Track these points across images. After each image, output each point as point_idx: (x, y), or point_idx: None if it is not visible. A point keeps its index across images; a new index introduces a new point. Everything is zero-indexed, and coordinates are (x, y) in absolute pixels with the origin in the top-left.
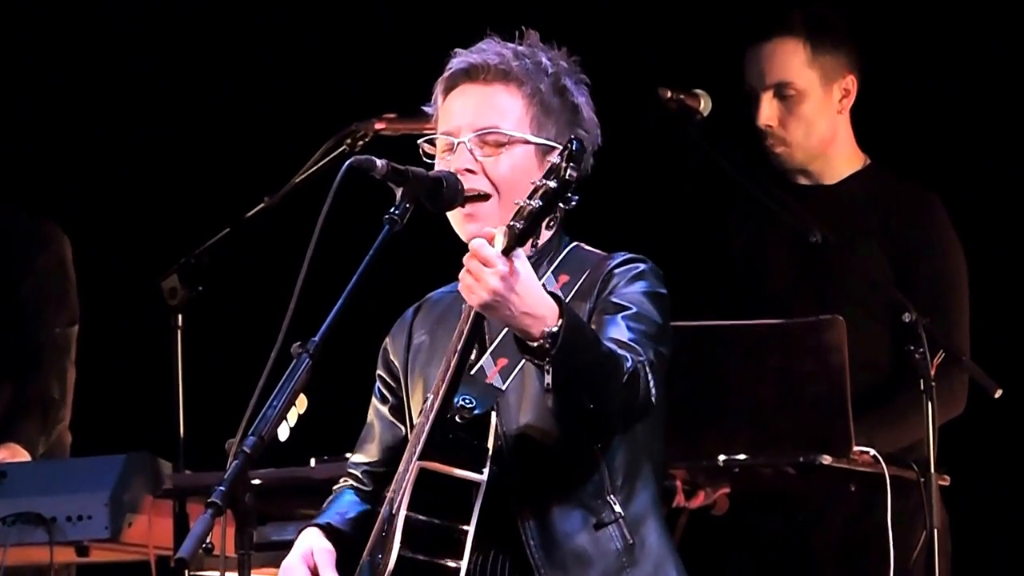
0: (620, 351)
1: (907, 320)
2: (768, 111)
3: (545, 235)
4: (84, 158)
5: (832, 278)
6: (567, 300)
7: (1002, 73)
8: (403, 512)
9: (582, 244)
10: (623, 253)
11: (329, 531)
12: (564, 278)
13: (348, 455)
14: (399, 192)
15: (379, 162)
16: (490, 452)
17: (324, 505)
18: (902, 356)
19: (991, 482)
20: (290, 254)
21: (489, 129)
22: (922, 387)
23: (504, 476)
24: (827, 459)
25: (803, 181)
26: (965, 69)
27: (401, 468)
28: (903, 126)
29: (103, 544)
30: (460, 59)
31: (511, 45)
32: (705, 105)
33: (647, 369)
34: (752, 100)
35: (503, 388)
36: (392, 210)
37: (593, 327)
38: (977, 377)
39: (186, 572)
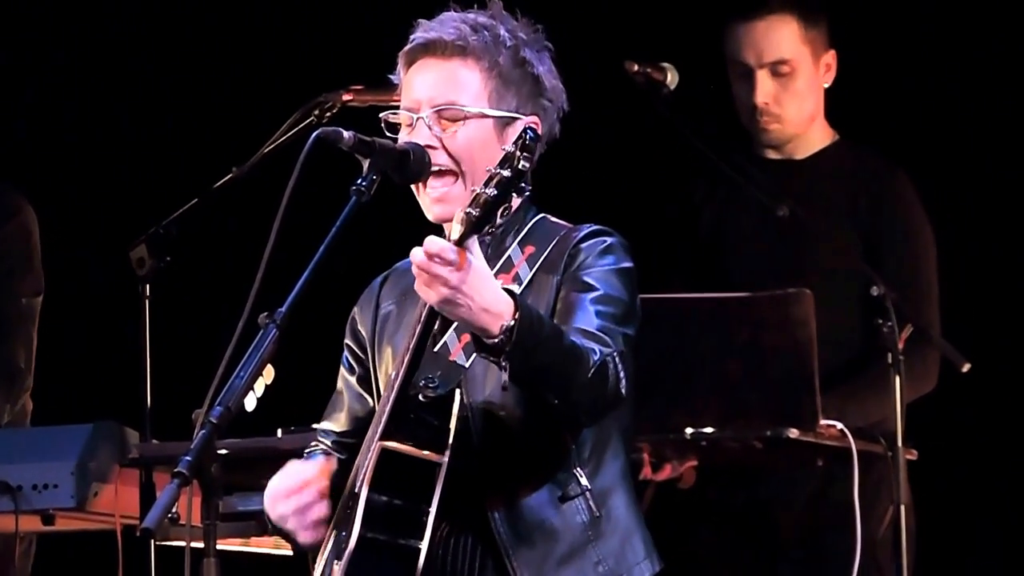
0: (587, 343)
1: (875, 293)
2: (765, 88)
3: (511, 206)
4: (50, 127)
5: (800, 253)
6: (533, 271)
7: (970, 46)
8: (365, 491)
9: (549, 216)
10: (590, 225)
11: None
12: (530, 249)
13: (315, 425)
14: (366, 163)
15: (346, 133)
16: (452, 433)
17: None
18: (872, 332)
19: (959, 457)
20: (258, 225)
21: (446, 105)
22: (890, 361)
23: (469, 454)
24: (794, 433)
25: (772, 155)
26: (931, 43)
27: (364, 444)
28: (871, 101)
29: (69, 513)
30: (419, 33)
31: (472, 16)
32: (672, 78)
33: (616, 360)
34: (738, 76)
35: (466, 366)
36: (359, 181)
37: (560, 305)
38: (945, 351)
39: (152, 542)
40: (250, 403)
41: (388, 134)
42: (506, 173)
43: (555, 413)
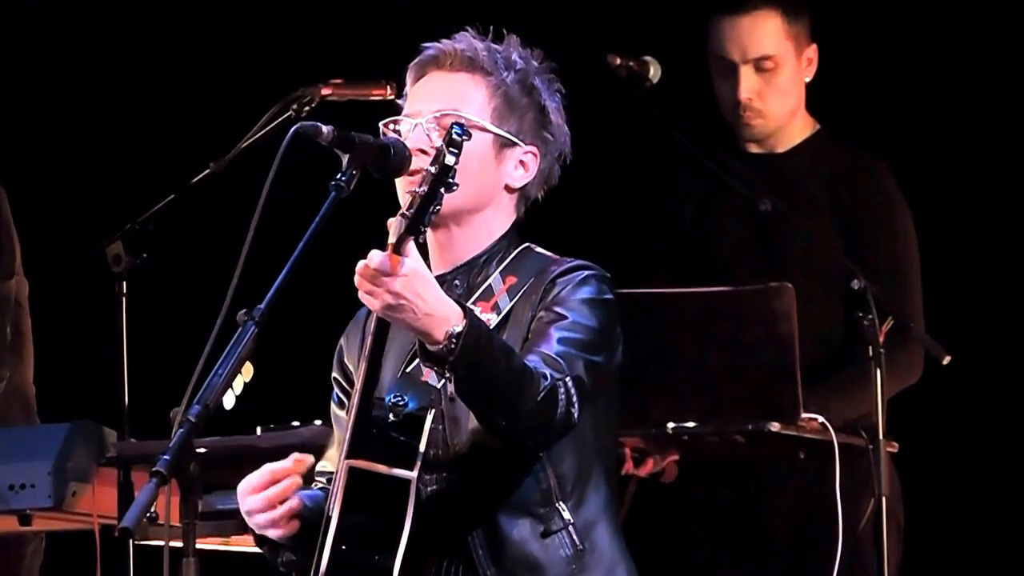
0: (540, 367)
1: (856, 287)
2: (749, 84)
3: (497, 233)
4: (24, 122)
5: (782, 247)
6: (512, 303)
7: (952, 38)
8: (336, 511)
9: (533, 246)
10: (571, 260)
11: None
12: (511, 279)
13: (295, 423)
14: (345, 158)
15: (325, 128)
16: (421, 450)
17: None
18: (854, 325)
19: (940, 449)
20: (236, 220)
21: (447, 111)
22: (871, 354)
23: (447, 481)
24: (776, 426)
25: (754, 149)
26: (913, 35)
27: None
28: (854, 92)
29: (46, 513)
30: (431, 46)
31: (484, 41)
32: (655, 72)
33: (568, 386)
34: (721, 71)
35: (438, 386)
36: (338, 176)
37: (530, 336)
38: (926, 345)
39: (130, 541)
40: (229, 401)
41: (396, 101)
42: (433, 170)
43: (501, 435)
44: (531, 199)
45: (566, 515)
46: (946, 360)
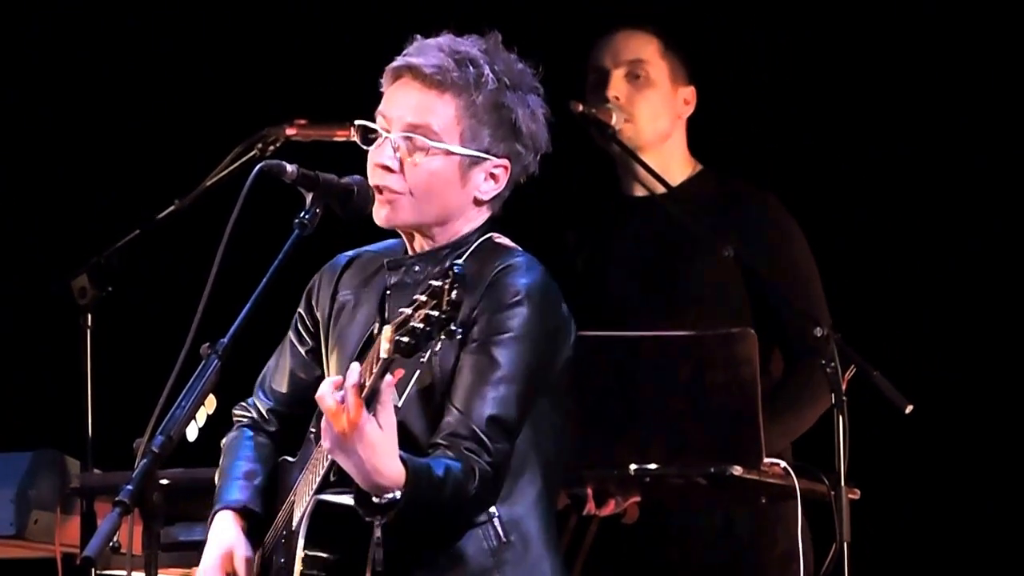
0: (467, 462)
1: (818, 334)
2: (619, 85)
3: (465, 231)
4: None
5: (681, 290)
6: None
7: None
8: (300, 545)
9: (495, 236)
10: (517, 255)
11: (244, 514)
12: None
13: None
14: (309, 197)
15: (289, 167)
16: None
17: (225, 447)
18: (764, 358)
19: (901, 496)
20: (200, 256)
21: (415, 132)
22: (833, 401)
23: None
24: (738, 470)
25: (639, 193)
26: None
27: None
28: (733, 132)
29: (8, 541)
30: (409, 52)
31: (463, 47)
32: (617, 118)
33: (491, 473)
34: (595, 87)
35: (398, 404)
36: (302, 214)
37: (461, 370)
38: (887, 392)
39: (92, 570)
40: (192, 433)
41: (360, 142)
42: (434, 314)
43: None
44: (505, 199)
45: (491, 508)
46: (908, 409)
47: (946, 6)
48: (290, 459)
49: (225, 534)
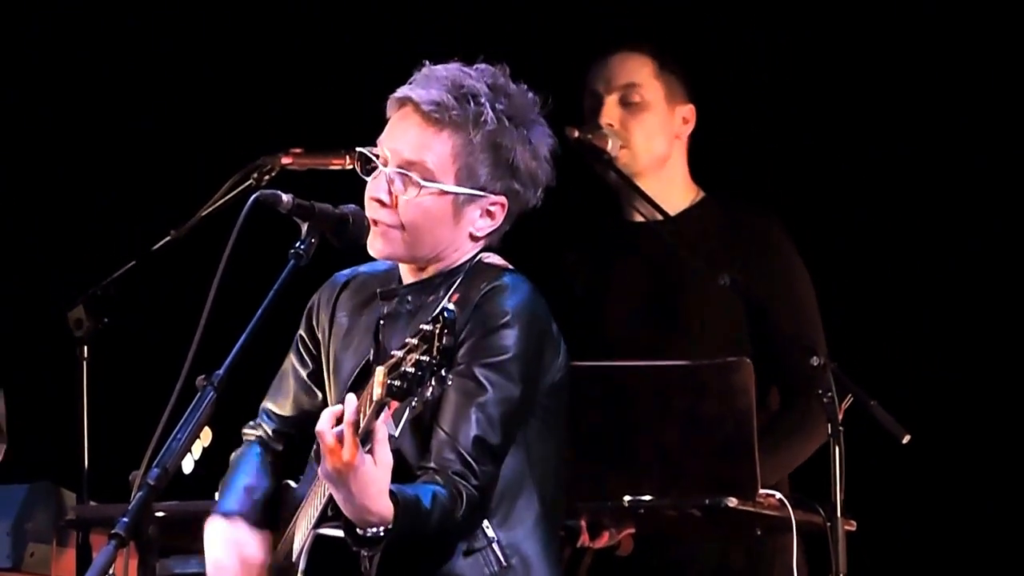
0: (454, 487)
1: (815, 364)
2: (612, 111)
3: (458, 263)
4: None
5: (681, 315)
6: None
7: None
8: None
9: (485, 256)
10: (504, 276)
11: (235, 522)
12: (455, 297)
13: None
14: (304, 227)
15: (285, 197)
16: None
17: (233, 460)
18: (762, 390)
19: (898, 528)
20: (196, 287)
21: (411, 170)
22: (830, 431)
23: None
24: (733, 502)
25: (639, 218)
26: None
27: (296, 518)
28: (736, 157)
29: (4, 574)
30: (413, 85)
31: (466, 81)
32: (613, 144)
33: (477, 497)
34: (590, 113)
35: (395, 434)
36: (297, 244)
37: (448, 394)
38: (885, 422)
39: None
40: (188, 465)
41: (360, 171)
42: (425, 359)
43: None
44: (502, 234)
45: (489, 532)
46: (906, 439)
47: (946, 6)
48: (292, 483)
49: (212, 545)
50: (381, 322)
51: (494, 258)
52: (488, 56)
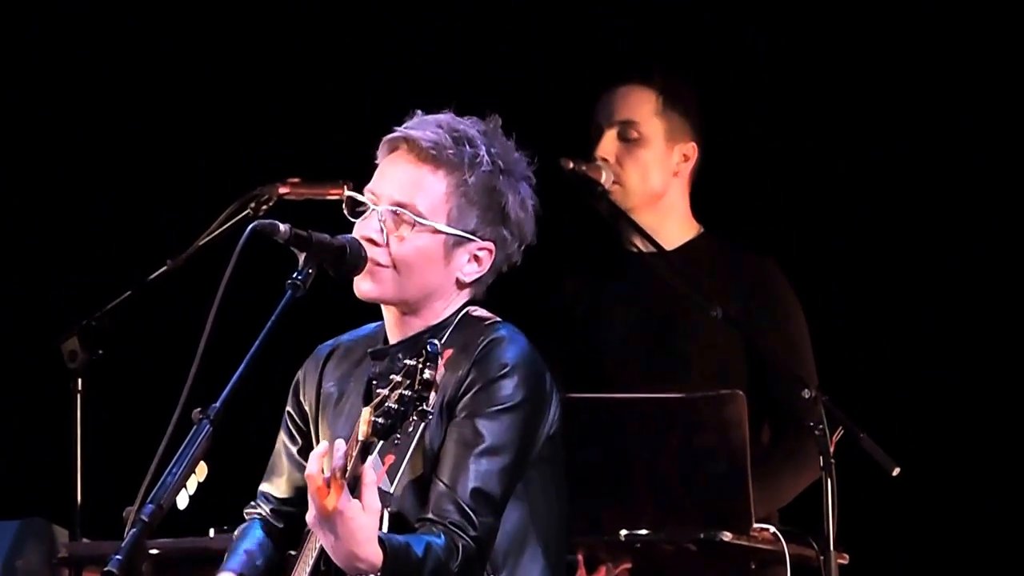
0: (451, 539)
1: (806, 396)
2: (608, 145)
3: (446, 315)
4: None
5: (678, 346)
6: (448, 374)
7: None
8: None
9: (471, 308)
10: (500, 328)
11: None
12: (448, 352)
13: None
14: (302, 257)
15: (282, 226)
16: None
17: (236, 535)
18: (755, 423)
19: (890, 560)
20: (192, 317)
21: (404, 208)
22: (821, 464)
23: None
24: (727, 535)
25: (635, 248)
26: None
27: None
28: (734, 194)
29: None
30: (407, 127)
31: (461, 126)
32: (607, 177)
33: (475, 549)
34: (593, 139)
35: (391, 491)
36: (295, 275)
37: (446, 443)
38: (875, 455)
39: None
40: (182, 501)
41: (348, 214)
42: (407, 393)
43: None
44: (486, 285)
45: None
46: (895, 471)
47: (946, 6)
48: (293, 552)
49: None
50: (373, 382)
51: (480, 311)
52: (496, 82)
